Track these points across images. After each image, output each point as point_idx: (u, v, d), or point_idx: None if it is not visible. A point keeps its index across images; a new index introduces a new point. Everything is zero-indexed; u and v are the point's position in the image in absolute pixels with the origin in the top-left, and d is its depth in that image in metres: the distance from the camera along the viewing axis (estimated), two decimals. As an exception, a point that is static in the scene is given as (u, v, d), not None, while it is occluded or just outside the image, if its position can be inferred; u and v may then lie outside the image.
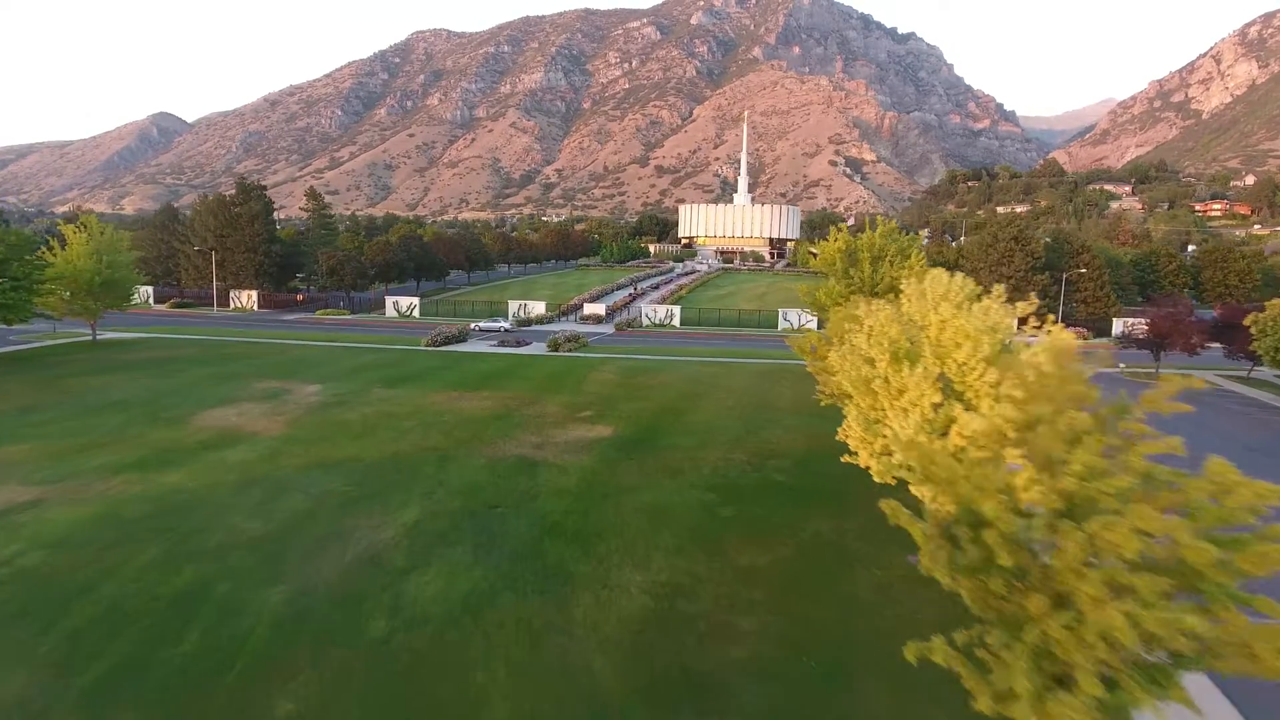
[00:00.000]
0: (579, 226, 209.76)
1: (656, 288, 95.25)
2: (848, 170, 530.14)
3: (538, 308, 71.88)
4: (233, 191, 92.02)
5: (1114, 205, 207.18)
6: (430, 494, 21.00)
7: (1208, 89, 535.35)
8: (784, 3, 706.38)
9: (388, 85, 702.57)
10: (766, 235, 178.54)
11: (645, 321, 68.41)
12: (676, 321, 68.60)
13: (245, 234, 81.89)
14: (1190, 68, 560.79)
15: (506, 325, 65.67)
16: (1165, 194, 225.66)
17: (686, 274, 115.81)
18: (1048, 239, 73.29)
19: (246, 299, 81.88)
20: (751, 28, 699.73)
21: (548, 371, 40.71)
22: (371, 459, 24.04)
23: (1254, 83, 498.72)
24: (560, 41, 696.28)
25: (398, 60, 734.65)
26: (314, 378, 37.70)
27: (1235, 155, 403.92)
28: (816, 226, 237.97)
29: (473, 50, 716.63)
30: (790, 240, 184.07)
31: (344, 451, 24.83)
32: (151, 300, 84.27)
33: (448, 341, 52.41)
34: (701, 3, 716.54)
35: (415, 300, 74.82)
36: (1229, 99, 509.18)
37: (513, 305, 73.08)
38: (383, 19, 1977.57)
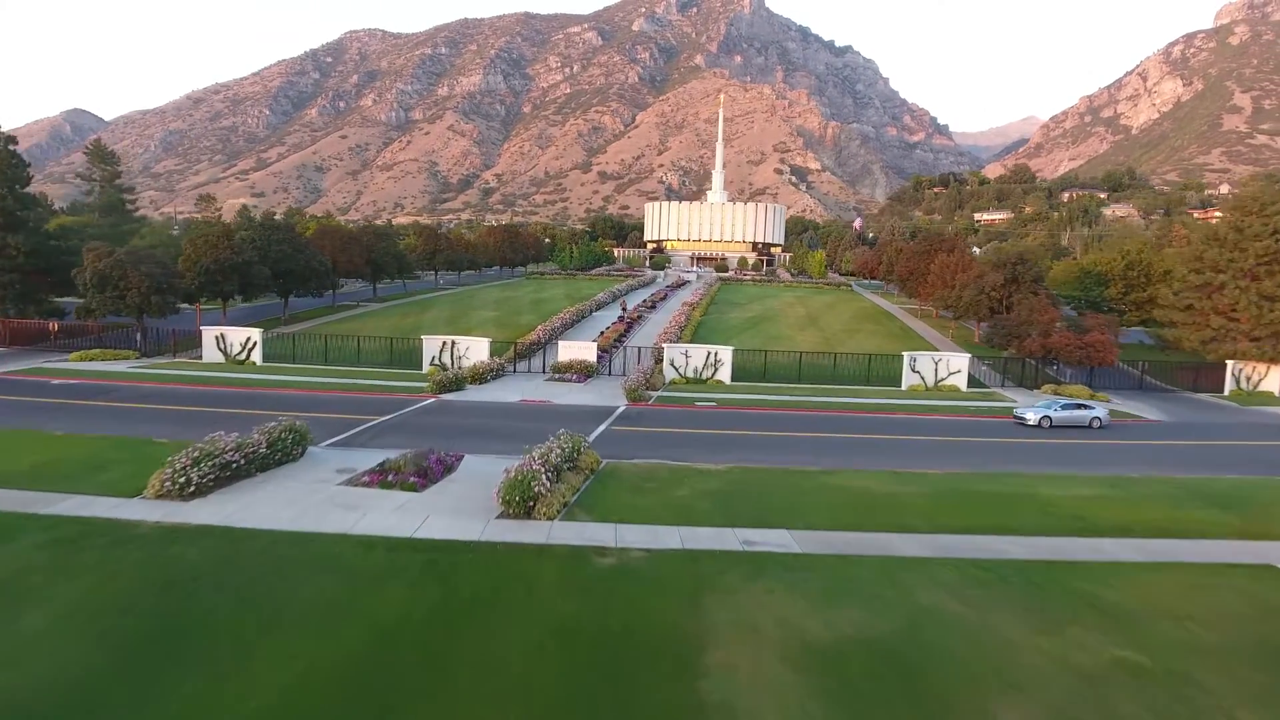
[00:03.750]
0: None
1: (652, 307, 65.14)
2: (793, 178, 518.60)
3: (476, 349, 40.46)
4: (132, 194, 57.68)
5: (1106, 212, 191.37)
6: None
7: (1136, 105, 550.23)
8: (725, 11, 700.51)
9: (319, 85, 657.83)
10: (749, 239, 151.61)
11: (672, 374, 38.49)
12: (726, 375, 38.90)
13: (-33, 220, 47.73)
14: (1118, 84, 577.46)
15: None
16: (1158, 201, 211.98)
17: (677, 286, 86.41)
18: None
19: (-30, 331, 47.68)
20: (693, 36, 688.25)
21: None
22: None
23: (1179, 99, 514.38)
24: (500, 45, 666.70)
25: (330, 60, 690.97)
26: None
27: (1171, 168, 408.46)
28: (790, 233, 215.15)
29: (409, 51, 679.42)
30: (775, 245, 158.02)
31: None
32: None
33: (231, 476, 15.08)
34: (643, 9, 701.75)
35: (254, 334, 42.14)
36: (1156, 115, 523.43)
37: (430, 344, 41.42)
38: (314, 17, 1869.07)
